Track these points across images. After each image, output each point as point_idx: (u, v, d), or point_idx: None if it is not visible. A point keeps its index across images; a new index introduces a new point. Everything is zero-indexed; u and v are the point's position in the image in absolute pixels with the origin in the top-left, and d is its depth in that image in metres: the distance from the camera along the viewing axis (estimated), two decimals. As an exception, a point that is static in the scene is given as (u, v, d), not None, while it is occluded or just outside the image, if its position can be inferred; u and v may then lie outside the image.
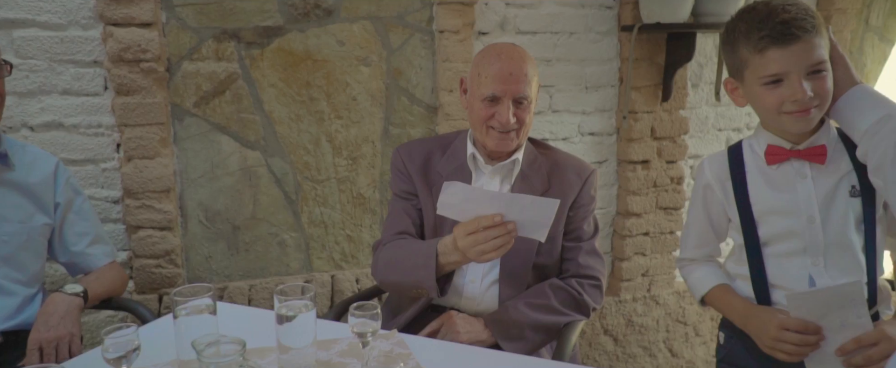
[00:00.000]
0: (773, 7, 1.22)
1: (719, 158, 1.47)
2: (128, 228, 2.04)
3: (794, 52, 1.21)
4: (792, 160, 1.34)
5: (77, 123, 1.96)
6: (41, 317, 1.46)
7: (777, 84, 1.24)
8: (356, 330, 1.08)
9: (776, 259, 1.36)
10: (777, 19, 1.20)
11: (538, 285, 1.61)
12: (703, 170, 1.48)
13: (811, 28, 1.21)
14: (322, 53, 2.16)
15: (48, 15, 1.86)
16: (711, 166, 1.46)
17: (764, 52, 1.23)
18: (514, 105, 1.51)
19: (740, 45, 1.27)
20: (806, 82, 1.22)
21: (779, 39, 1.21)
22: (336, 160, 2.25)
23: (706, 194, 1.47)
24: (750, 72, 1.27)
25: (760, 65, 1.24)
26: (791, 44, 1.20)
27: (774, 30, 1.20)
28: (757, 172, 1.39)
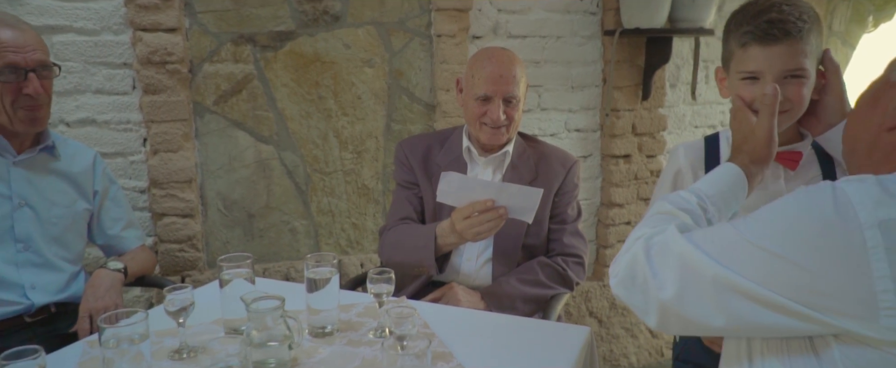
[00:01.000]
0: (768, 5, 1.21)
1: (695, 146, 1.46)
2: (153, 215, 2.23)
3: (774, 54, 1.19)
4: None
5: (108, 120, 2.14)
6: (90, 289, 1.66)
7: (753, 81, 1.23)
8: (374, 292, 1.28)
9: None
10: (765, 18, 1.19)
11: (527, 262, 1.81)
12: (677, 156, 1.47)
13: (797, 33, 1.18)
14: (330, 56, 2.36)
15: (84, 21, 2.04)
16: (686, 153, 1.45)
17: (746, 47, 1.22)
18: (504, 103, 1.71)
19: (730, 37, 1.27)
20: (783, 86, 1.20)
21: (760, 38, 1.19)
22: (342, 154, 2.45)
23: (676, 179, 1.46)
24: (733, 65, 1.27)
25: (740, 60, 1.24)
26: (771, 45, 1.19)
27: (759, 28, 1.19)
28: None
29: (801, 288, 0.74)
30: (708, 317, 0.83)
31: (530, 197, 1.53)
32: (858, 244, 0.70)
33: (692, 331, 0.89)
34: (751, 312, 0.79)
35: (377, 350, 1.23)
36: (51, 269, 1.69)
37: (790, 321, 0.76)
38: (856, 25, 3.16)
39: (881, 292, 0.68)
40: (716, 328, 0.83)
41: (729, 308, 0.80)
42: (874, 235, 0.69)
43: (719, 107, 3.06)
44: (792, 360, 0.79)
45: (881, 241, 0.68)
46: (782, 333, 0.79)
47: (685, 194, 1.06)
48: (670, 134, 2.94)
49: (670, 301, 0.86)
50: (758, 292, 0.77)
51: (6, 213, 1.62)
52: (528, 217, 1.58)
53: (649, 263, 0.91)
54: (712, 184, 1.10)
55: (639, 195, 2.90)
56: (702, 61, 2.92)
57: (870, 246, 0.69)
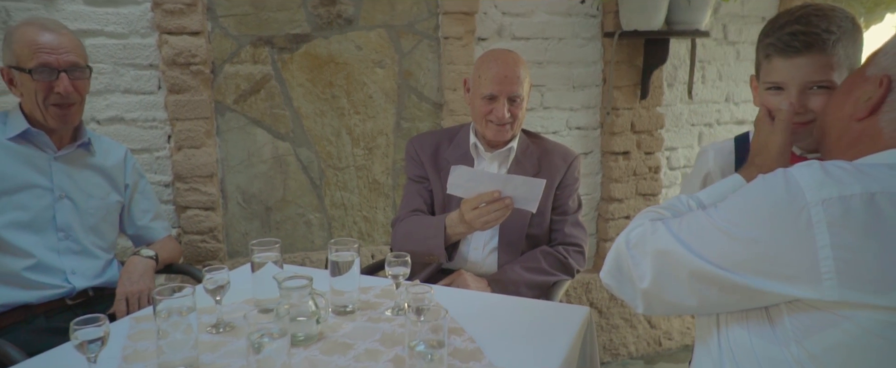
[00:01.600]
0: (797, 16, 1.20)
1: (725, 149, 1.46)
2: (177, 208, 2.36)
3: (796, 66, 1.19)
4: None
5: (135, 118, 2.27)
6: (125, 275, 1.79)
7: (777, 91, 1.24)
8: (391, 273, 1.41)
9: None
10: (788, 30, 1.19)
11: (531, 251, 1.94)
12: (707, 158, 1.47)
13: (821, 44, 1.16)
14: (343, 57, 2.48)
15: (114, 26, 2.17)
16: (717, 157, 1.46)
17: (769, 58, 1.24)
18: (509, 102, 1.83)
19: (759, 47, 1.28)
20: (804, 97, 1.20)
21: (782, 50, 1.20)
22: (354, 150, 2.58)
23: (706, 181, 1.47)
24: (761, 74, 1.29)
25: (766, 71, 1.26)
26: (793, 56, 1.19)
27: (781, 39, 1.20)
28: None
29: (757, 260, 0.85)
30: (683, 299, 0.95)
31: (534, 188, 1.65)
32: (805, 219, 0.81)
33: (674, 313, 1.01)
34: (716, 294, 0.91)
35: (395, 325, 1.36)
36: (88, 256, 1.82)
37: (748, 298, 0.88)
38: (847, 27, 3.27)
39: (823, 259, 0.79)
40: (691, 307, 0.95)
41: (700, 291, 0.92)
42: (818, 211, 0.80)
43: (715, 106, 3.18)
44: (750, 326, 0.91)
45: (823, 217, 0.80)
46: (743, 307, 0.91)
47: (685, 198, 1.13)
48: (668, 131, 3.06)
49: (650, 288, 0.98)
50: (720, 275, 0.88)
51: (48, 204, 1.75)
52: (531, 206, 1.70)
53: (630, 255, 1.01)
54: (720, 193, 1.12)
55: (637, 190, 3.02)
56: (698, 62, 3.04)
57: (814, 221, 0.80)
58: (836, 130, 1.03)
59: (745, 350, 0.92)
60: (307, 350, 1.24)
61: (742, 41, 3.13)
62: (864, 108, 0.96)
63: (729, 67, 3.15)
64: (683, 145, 3.14)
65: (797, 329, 0.85)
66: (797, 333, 0.85)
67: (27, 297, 1.69)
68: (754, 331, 0.91)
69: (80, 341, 1.04)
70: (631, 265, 1.01)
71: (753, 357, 0.90)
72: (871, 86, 0.96)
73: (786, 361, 0.86)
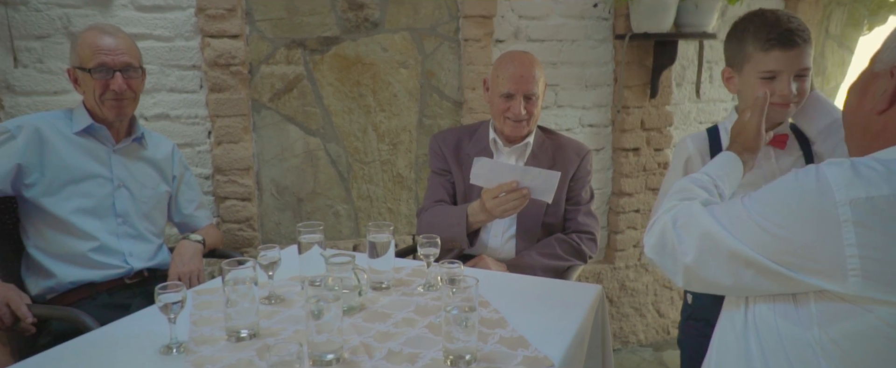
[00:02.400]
0: (779, 16, 1.45)
1: (700, 137, 1.71)
2: (216, 199, 2.54)
3: (791, 57, 1.44)
4: None
5: (179, 115, 2.45)
6: (177, 256, 1.97)
7: (771, 80, 1.47)
8: (423, 254, 1.57)
9: None
10: (784, 27, 1.43)
11: (546, 238, 2.10)
12: (686, 145, 1.70)
13: (807, 39, 1.45)
14: (370, 58, 2.65)
15: (161, 30, 2.35)
16: (694, 142, 1.70)
17: (769, 51, 1.45)
18: (525, 100, 1.98)
19: (748, 42, 1.48)
20: (793, 82, 1.47)
21: (783, 43, 1.43)
22: (380, 145, 2.75)
23: (687, 165, 1.69)
24: (751, 66, 1.49)
25: (762, 62, 1.46)
26: (790, 49, 1.43)
27: (781, 35, 1.43)
28: None
29: (788, 253, 0.92)
30: (720, 278, 1.05)
31: (549, 180, 1.81)
32: (834, 217, 0.86)
33: (709, 290, 1.11)
34: (751, 276, 1.00)
35: (427, 299, 1.52)
36: (142, 240, 2.00)
37: (780, 284, 0.97)
38: (852, 29, 3.40)
39: (849, 257, 0.85)
40: (725, 287, 1.06)
41: (736, 272, 1.02)
42: (845, 211, 0.85)
43: (722, 104, 3.31)
44: (776, 307, 1.00)
45: (850, 216, 0.85)
46: (774, 292, 1.00)
47: (698, 175, 1.29)
48: (676, 129, 3.20)
49: (692, 265, 1.07)
50: (757, 260, 0.97)
51: (108, 192, 1.93)
52: (547, 197, 1.86)
53: (676, 232, 1.10)
54: (717, 167, 1.34)
55: (647, 185, 3.16)
56: (706, 62, 3.18)
57: (842, 220, 0.85)
58: (859, 127, 1.08)
59: (769, 328, 0.99)
60: (351, 318, 1.40)
61: (748, 42, 3.26)
62: (882, 101, 1.02)
63: (735, 68, 3.28)
64: (691, 142, 3.28)
65: (822, 315, 0.91)
66: (821, 319, 0.91)
67: (92, 276, 1.87)
68: (780, 312, 0.99)
69: (164, 303, 1.21)
70: (675, 242, 1.09)
71: (777, 335, 0.97)
72: (883, 80, 1.02)
73: (808, 343, 0.92)
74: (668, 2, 2.71)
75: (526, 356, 1.22)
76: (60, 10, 2.20)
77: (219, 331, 1.33)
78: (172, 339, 1.26)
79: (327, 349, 1.19)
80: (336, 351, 1.20)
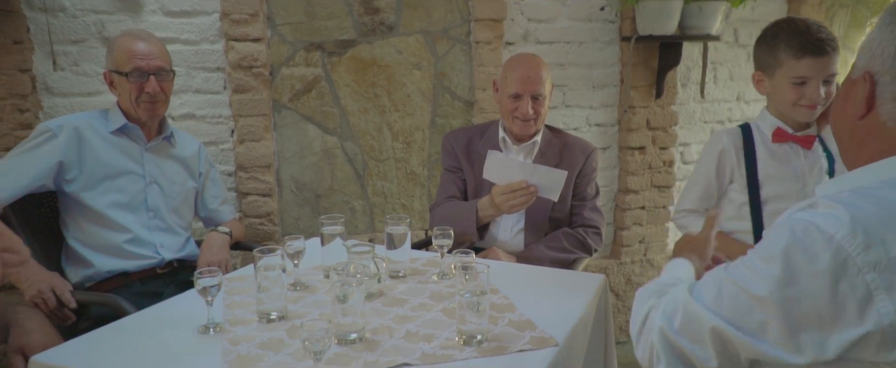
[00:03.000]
0: (809, 25, 1.62)
1: (734, 132, 1.86)
2: (239, 194, 2.66)
3: (822, 64, 1.62)
4: (791, 142, 1.78)
5: (204, 114, 2.58)
6: (206, 247, 2.09)
7: (802, 85, 1.66)
8: (438, 244, 1.69)
9: (773, 216, 1.74)
10: (815, 36, 1.60)
11: (554, 232, 2.20)
12: (720, 138, 1.86)
13: (835, 47, 1.63)
14: (385, 60, 2.77)
15: (188, 34, 2.48)
16: (729, 135, 1.85)
17: (801, 59, 1.62)
18: (532, 100, 2.09)
19: (780, 49, 1.64)
20: (821, 87, 1.65)
21: (815, 51, 1.60)
22: (394, 144, 2.86)
23: (721, 157, 1.85)
24: (783, 71, 1.67)
25: (794, 68, 1.64)
26: (821, 56, 1.61)
27: (813, 44, 1.60)
28: (763, 146, 1.82)
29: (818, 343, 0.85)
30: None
31: (557, 178, 1.92)
32: (863, 286, 0.81)
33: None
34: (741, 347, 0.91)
35: (441, 286, 1.64)
36: (172, 233, 2.13)
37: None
38: (854, 30, 3.48)
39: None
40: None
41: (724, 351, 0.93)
42: (874, 278, 0.80)
43: (727, 104, 3.40)
44: None
45: (881, 283, 0.80)
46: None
47: (655, 282, 1.20)
48: (681, 128, 3.29)
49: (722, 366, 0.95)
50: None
51: (141, 188, 2.06)
52: (553, 196, 1.97)
53: (680, 340, 0.97)
54: (673, 271, 1.27)
55: (652, 183, 3.26)
56: (711, 63, 3.27)
57: (873, 288, 0.80)
58: (846, 134, 1.08)
59: None
60: (371, 303, 1.52)
61: (752, 44, 3.34)
62: (861, 106, 1.02)
63: (740, 68, 3.37)
64: (696, 141, 3.37)
65: None
66: None
67: (126, 266, 2.00)
68: None
69: (203, 286, 1.33)
70: (689, 352, 0.97)
71: None
72: (859, 85, 1.01)
73: None
74: (672, 5, 2.80)
75: (532, 336, 1.33)
76: (95, 16, 2.33)
77: (250, 314, 1.45)
78: (209, 320, 1.38)
79: (351, 329, 1.30)
80: (359, 331, 1.31)
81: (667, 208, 3.31)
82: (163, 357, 1.26)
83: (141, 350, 1.29)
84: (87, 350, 1.30)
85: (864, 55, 1.05)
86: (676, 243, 1.45)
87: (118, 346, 1.32)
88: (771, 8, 3.32)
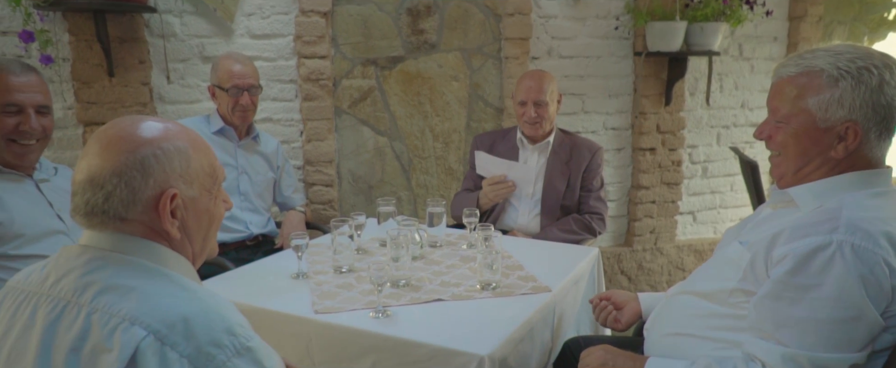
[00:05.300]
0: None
1: None
2: (306, 184, 3.21)
3: None
4: None
5: (279, 118, 3.13)
6: (287, 222, 2.65)
7: None
8: (466, 220, 2.18)
9: None
10: None
11: (564, 218, 2.66)
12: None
13: None
14: (428, 73, 3.28)
15: (268, 53, 3.03)
16: None
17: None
18: (536, 106, 2.55)
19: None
20: None
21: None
22: (435, 144, 3.37)
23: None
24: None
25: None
26: None
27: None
28: None
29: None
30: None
31: (528, 171, 2.45)
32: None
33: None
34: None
35: (469, 252, 2.13)
36: (257, 213, 2.68)
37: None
38: (851, 44, 3.82)
39: None
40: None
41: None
42: None
43: (732, 111, 3.80)
44: None
45: None
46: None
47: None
48: (689, 132, 3.70)
49: None
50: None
51: (234, 177, 2.61)
52: (528, 187, 2.48)
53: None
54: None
55: (662, 180, 3.68)
56: (717, 74, 3.68)
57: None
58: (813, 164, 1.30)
59: None
60: (415, 262, 2.02)
61: (755, 57, 3.74)
62: (842, 153, 1.26)
63: (744, 79, 3.77)
64: (703, 143, 3.78)
65: None
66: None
67: (224, 237, 2.55)
68: None
69: (295, 244, 1.86)
70: None
71: None
72: (835, 136, 1.25)
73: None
74: (676, 27, 3.23)
75: (533, 285, 1.82)
76: (198, 39, 2.91)
77: (327, 268, 1.97)
78: (299, 270, 1.90)
79: (401, 277, 1.81)
80: (407, 279, 1.82)
81: (675, 202, 3.73)
82: (270, 291, 1.80)
83: (252, 290, 1.82)
84: (216, 288, 1.84)
85: (837, 110, 1.23)
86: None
87: (232, 288, 1.85)
88: (773, 26, 3.70)
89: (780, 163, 1.36)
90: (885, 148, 1.27)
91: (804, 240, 1.18)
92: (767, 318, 1.20)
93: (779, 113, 1.32)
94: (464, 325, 1.55)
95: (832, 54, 1.24)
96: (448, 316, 1.61)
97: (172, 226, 1.01)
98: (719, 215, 3.93)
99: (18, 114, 1.73)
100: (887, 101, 1.21)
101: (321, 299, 1.71)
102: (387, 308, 1.63)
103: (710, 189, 3.88)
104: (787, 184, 1.35)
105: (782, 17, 3.71)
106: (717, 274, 1.40)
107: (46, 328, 0.89)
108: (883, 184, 1.27)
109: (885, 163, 1.30)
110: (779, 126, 1.32)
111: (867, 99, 1.20)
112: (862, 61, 1.21)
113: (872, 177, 1.27)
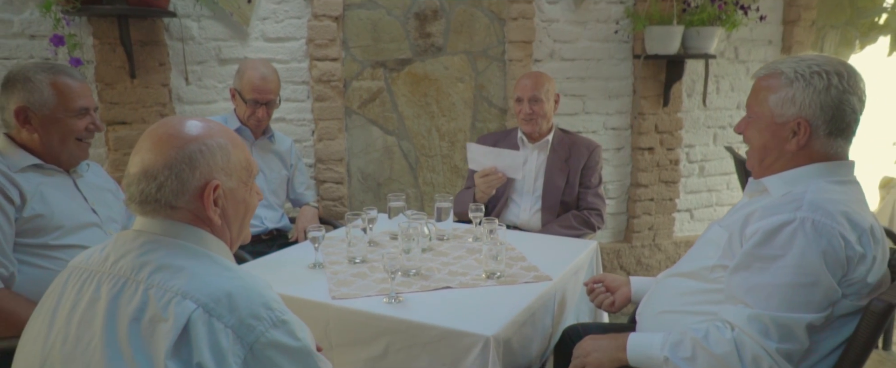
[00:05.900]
0: None
1: None
2: (317, 182, 3.34)
3: None
4: None
5: (292, 118, 3.27)
6: (301, 217, 2.78)
7: None
8: (472, 215, 2.31)
9: None
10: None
11: (564, 214, 2.79)
12: None
13: None
14: (434, 75, 3.41)
15: (281, 55, 3.17)
16: None
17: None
18: (531, 102, 2.68)
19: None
20: None
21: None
22: (441, 143, 3.50)
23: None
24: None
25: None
26: None
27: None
28: None
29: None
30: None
31: (515, 158, 2.56)
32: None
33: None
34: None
35: (475, 245, 2.26)
36: (271, 209, 2.82)
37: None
38: (844, 48, 3.94)
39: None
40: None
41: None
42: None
43: (728, 112, 3.92)
44: None
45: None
46: None
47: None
48: (687, 132, 3.83)
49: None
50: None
51: (251, 174, 2.74)
52: (516, 174, 2.60)
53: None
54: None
55: (660, 178, 3.80)
56: (714, 76, 3.80)
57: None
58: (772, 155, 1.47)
59: None
60: (424, 254, 2.15)
61: (751, 60, 3.87)
62: (795, 146, 1.42)
63: (739, 81, 3.89)
64: (700, 143, 3.90)
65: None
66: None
67: (242, 231, 2.68)
68: None
69: (312, 236, 1.99)
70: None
71: None
72: (789, 130, 1.41)
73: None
74: (674, 30, 3.35)
75: (535, 275, 1.95)
76: (215, 42, 3.04)
77: (341, 258, 2.10)
78: (316, 261, 2.04)
79: (411, 267, 1.94)
80: (417, 269, 1.95)
81: (673, 200, 3.85)
82: (290, 279, 1.93)
83: (272, 278, 1.95)
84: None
85: (790, 107, 1.41)
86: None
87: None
88: (767, 30, 3.82)
89: (750, 155, 1.54)
90: (839, 144, 1.43)
91: (772, 218, 1.34)
92: (738, 285, 1.37)
93: (751, 110, 1.51)
94: (470, 310, 1.68)
95: (797, 60, 1.43)
96: (456, 302, 1.74)
97: (215, 214, 1.14)
98: (715, 212, 4.06)
99: (86, 116, 1.89)
100: (833, 102, 1.38)
101: (338, 286, 1.84)
102: (399, 294, 1.76)
103: (707, 187, 4.01)
104: (759, 174, 1.52)
105: (776, 22, 3.83)
106: (699, 254, 1.57)
107: (111, 301, 1.02)
108: (845, 174, 1.44)
109: (846, 157, 1.47)
110: (749, 121, 1.51)
111: (815, 99, 1.38)
112: (817, 67, 1.39)
113: (836, 167, 1.43)
